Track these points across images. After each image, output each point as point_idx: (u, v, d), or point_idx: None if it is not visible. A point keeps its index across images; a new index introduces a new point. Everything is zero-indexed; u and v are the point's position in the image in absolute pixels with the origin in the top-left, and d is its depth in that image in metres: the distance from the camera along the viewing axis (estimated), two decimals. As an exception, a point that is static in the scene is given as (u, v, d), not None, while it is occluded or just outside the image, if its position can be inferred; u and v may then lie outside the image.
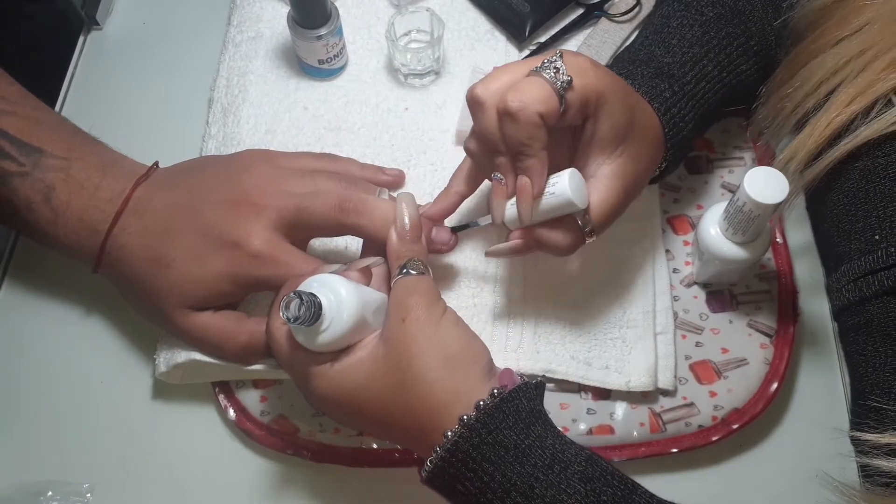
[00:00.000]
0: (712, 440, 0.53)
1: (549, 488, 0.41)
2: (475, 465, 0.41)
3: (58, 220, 0.52)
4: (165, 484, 0.54)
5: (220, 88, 0.65)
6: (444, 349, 0.44)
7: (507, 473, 0.41)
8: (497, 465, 0.41)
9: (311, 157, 0.56)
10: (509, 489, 0.41)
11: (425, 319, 0.44)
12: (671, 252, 0.59)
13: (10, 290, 0.60)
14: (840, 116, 0.49)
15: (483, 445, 0.41)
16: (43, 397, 0.57)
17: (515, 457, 0.41)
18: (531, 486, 0.41)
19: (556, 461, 0.42)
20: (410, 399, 0.43)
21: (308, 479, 0.54)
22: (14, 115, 0.53)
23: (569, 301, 0.56)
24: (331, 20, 0.61)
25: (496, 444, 0.41)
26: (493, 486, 0.41)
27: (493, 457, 0.41)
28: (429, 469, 0.43)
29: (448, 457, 0.42)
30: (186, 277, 0.50)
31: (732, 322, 0.57)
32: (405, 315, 0.44)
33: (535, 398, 0.44)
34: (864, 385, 0.50)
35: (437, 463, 0.42)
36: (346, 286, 0.44)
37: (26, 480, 0.53)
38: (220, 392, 0.55)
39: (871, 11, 0.50)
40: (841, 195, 0.52)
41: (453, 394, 0.43)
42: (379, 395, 0.44)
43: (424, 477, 0.43)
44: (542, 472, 0.41)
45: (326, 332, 0.43)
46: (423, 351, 0.43)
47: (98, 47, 0.71)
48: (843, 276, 0.51)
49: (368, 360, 0.44)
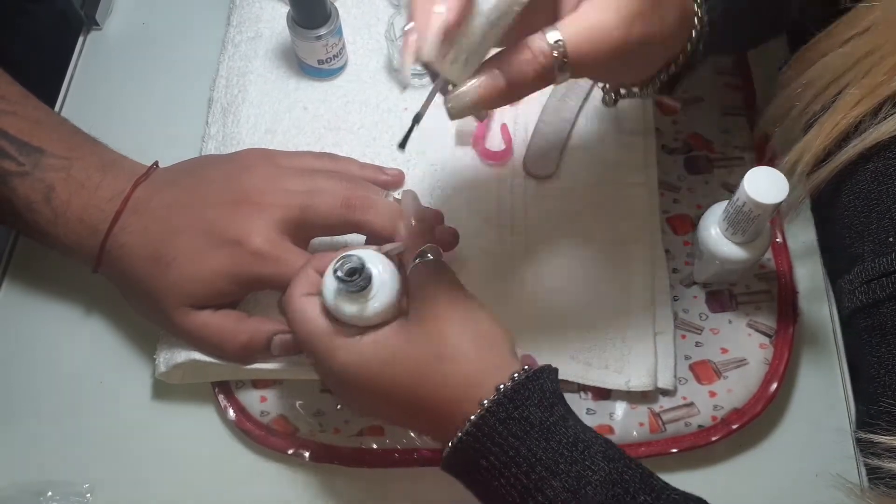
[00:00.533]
0: (712, 440, 0.53)
1: (574, 464, 0.41)
2: (501, 440, 0.41)
3: (58, 220, 0.52)
4: (165, 484, 0.54)
5: (220, 88, 0.65)
6: (475, 327, 0.44)
7: (533, 448, 0.41)
8: (522, 440, 0.41)
9: (312, 157, 0.56)
10: (534, 464, 0.41)
11: (456, 298, 0.45)
12: (671, 252, 0.59)
13: (10, 290, 0.60)
14: (846, 118, 0.49)
15: (509, 420, 0.41)
16: (43, 397, 0.57)
17: (540, 433, 0.41)
18: (556, 461, 0.41)
19: (578, 440, 0.42)
20: (441, 374, 0.43)
21: (308, 479, 0.54)
22: (14, 115, 0.53)
23: (568, 301, 0.56)
24: (330, 20, 0.61)
25: (522, 420, 0.42)
26: (518, 461, 0.41)
27: (519, 432, 0.41)
28: (453, 445, 0.42)
29: (474, 430, 0.42)
30: (186, 276, 0.50)
31: (732, 322, 0.57)
32: (436, 293, 0.44)
33: (556, 381, 0.45)
34: (875, 387, 0.50)
35: (463, 437, 0.42)
36: (385, 261, 0.45)
37: (26, 480, 0.53)
38: (219, 392, 0.55)
39: (879, 11, 0.49)
40: (852, 196, 0.52)
41: (483, 371, 0.43)
42: (408, 369, 0.43)
43: (449, 451, 0.43)
44: (566, 449, 0.41)
45: (373, 301, 0.43)
46: (456, 327, 0.44)
47: (98, 47, 0.71)
48: (857, 278, 0.51)
49: (400, 333, 0.44)
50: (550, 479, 0.40)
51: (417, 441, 0.53)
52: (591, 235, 0.58)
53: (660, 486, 0.42)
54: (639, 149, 0.61)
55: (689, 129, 0.64)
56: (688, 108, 0.64)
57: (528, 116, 0.64)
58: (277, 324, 0.51)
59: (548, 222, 0.59)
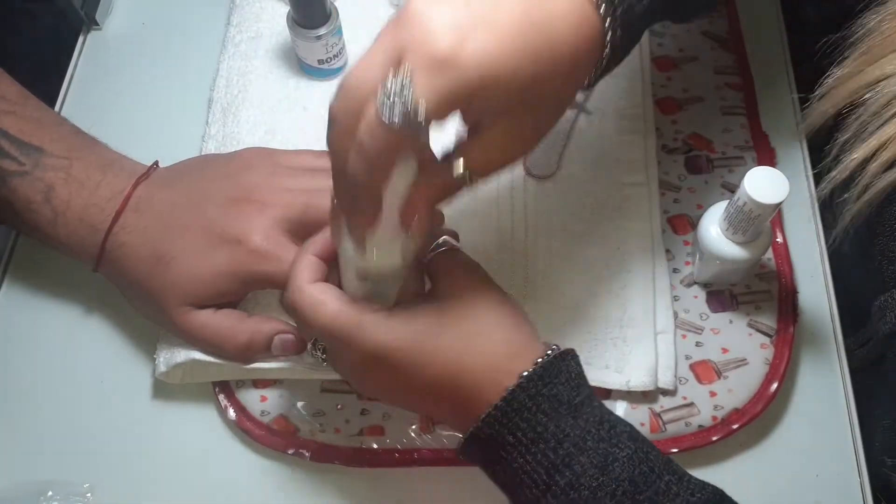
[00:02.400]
0: (712, 440, 0.53)
1: (601, 442, 0.41)
2: (529, 416, 0.41)
3: (58, 220, 0.52)
4: (165, 484, 0.54)
5: (220, 88, 0.65)
6: (501, 308, 0.45)
7: (561, 425, 0.41)
8: (551, 416, 0.41)
9: (312, 155, 0.56)
10: (562, 440, 0.41)
11: (480, 281, 0.46)
12: (671, 252, 0.59)
13: (10, 290, 0.60)
14: None
15: (539, 396, 0.42)
16: (43, 397, 0.57)
17: (568, 410, 0.42)
18: (584, 438, 0.41)
19: (605, 420, 0.42)
20: (470, 352, 0.43)
21: (308, 479, 0.54)
22: (14, 114, 0.53)
23: (568, 301, 0.56)
24: (330, 20, 0.61)
25: (551, 397, 0.42)
26: (546, 437, 0.41)
27: (548, 408, 0.42)
28: (483, 419, 0.42)
29: (504, 406, 0.42)
30: (187, 275, 0.50)
31: (732, 322, 0.57)
32: (463, 273, 0.45)
33: (580, 365, 0.45)
34: None
35: (492, 413, 0.42)
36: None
37: (26, 480, 0.53)
38: (220, 392, 0.55)
39: None
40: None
41: (511, 351, 0.43)
42: (438, 347, 0.43)
43: (475, 428, 0.42)
44: (593, 427, 0.42)
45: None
46: (482, 307, 0.44)
47: (98, 47, 0.71)
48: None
49: (430, 312, 0.44)
50: (578, 455, 0.41)
51: (418, 441, 0.53)
52: (591, 235, 0.58)
53: (682, 470, 0.42)
54: (639, 149, 0.61)
55: (689, 128, 0.64)
56: (688, 108, 0.64)
57: (529, 116, 0.64)
58: (278, 323, 0.51)
59: (548, 222, 0.59)
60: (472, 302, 0.44)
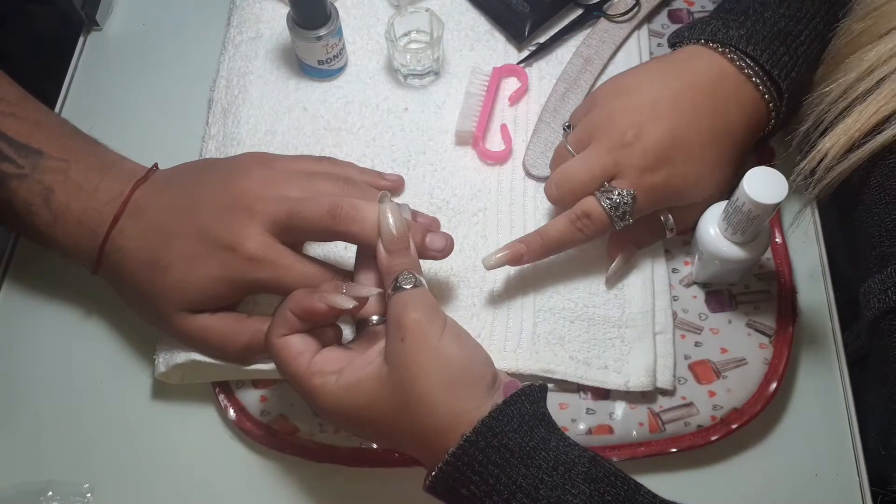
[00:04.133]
0: (711, 440, 0.53)
1: (554, 489, 0.41)
2: (480, 469, 0.41)
3: (56, 223, 0.52)
4: (165, 484, 0.54)
5: (220, 89, 0.65)
6: (445, 370, 0.43)
7: (513, 476, 0.41)
8: (502, 467, 0.41)
9: (311, 161, 0.56)
10: (515, 491, 0.41)
11: (424, 338, 0.43)
12: (670, 252, 0.59)
13: (10, 290, 0.60)
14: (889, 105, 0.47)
15: (489, 449, 0.41)
16: (43, 397, 0.57)
17: (520, 459, 0.41)
18: (536, 487, 0.41)
19: (559, 462, 0.42)
20: (414, 421, 0.43)
21: (308, 479, 0.54)
22: (13, 116, 0.53)
23: (568, 301, 0.56)
24: (330, 21, 0.61)
25: (501, 448, 0.41)
26: (499, 489, 0.41)
27: (499, 460, 0.41)
28: (433, 476, 0.43)
29: (454, 461, 0.42)
30: (182, 281, 0.50)
31: (731, 322, 0.57)
32: (403, 334, 0.43)
33: (539, 401, 0.45)
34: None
35: (443, 468, 0.42)
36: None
37: (26, 480, 0.53)
38: (220, 392, 0.55)
39: None
40: (882, 193, 0.51)
41: (456, 416, 0.43)
42: (382, 414, 0.44)
43: (428, 483, 0.43)
44: (546, 474, 0.41)
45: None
46: (423, 373, 0.43)
47: (98, 47, 0.71)
48: (889, 279, 0.50)
49: (372, 380, 0.44)
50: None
51: (417, 441, 0.54)
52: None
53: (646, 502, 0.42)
54: (638, 149, 0.61)
55: (689, 129, 0.64)
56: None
57: (529, 116, 0.64)
58: (277, 324, 0.51)
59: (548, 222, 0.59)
60: (413, 371, 0.43)
